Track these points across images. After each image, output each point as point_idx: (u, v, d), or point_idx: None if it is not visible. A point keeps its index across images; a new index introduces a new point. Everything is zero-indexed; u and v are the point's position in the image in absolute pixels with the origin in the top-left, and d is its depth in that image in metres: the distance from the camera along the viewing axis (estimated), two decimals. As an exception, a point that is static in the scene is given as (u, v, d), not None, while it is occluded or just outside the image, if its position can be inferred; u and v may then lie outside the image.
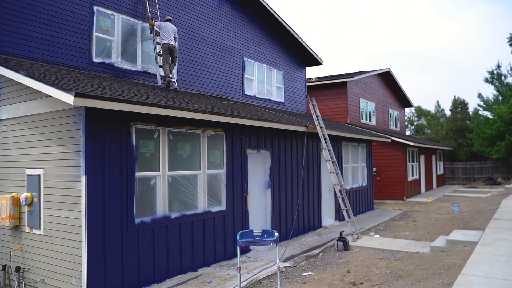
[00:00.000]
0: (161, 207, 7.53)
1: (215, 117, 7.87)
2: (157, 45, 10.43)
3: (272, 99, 15.47)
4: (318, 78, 22.64)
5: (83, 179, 6.28)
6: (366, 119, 23.42)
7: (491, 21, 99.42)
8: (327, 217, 13.37)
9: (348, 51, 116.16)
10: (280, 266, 8.08)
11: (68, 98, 5.58)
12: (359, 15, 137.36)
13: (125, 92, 7.07)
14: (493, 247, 7.85)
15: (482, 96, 36.68)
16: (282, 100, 16.12)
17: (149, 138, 7.42)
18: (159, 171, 7.53)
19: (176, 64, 10.54)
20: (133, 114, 7.09)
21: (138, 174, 7.15)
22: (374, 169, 21.76)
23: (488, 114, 36.64)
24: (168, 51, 9.93)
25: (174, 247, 7.73)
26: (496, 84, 35.50)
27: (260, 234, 5.65)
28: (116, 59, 9.97)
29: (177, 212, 7.83)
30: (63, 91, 5.66)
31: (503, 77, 35.25)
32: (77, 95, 5.55)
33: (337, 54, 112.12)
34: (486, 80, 36.00)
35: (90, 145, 6.39)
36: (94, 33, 9.47)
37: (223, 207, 8.91)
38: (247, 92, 14.23)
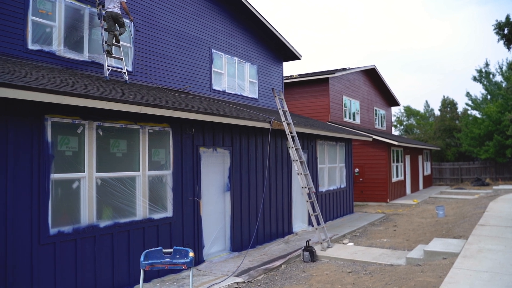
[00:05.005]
0: (87, 214, 6.40)
1: (152, 109, 6.75)
2: (105, 32, 9.30)
3: (244, 94, 14.37)
4: (299, 75, 21.62)
5: (-23, 182, 5.16)
6: (349, 118, 22.43)
7: (482, 22, 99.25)
8: (299, 222, 12.30)
9: (340, 53, 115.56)
10: (230, 282, 7.02)
11: None
12: (351, 16, 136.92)
13: (38, 80, 5.94)
14: (475, 261, 6.82)
15: (471, 95, 35.92)
16: (255, 96, 15.02)
17: (71, 134, 6.29)
18: (84, 172, 6.40)
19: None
20: (49, 105, 5.97)
21: (55, 176, 6.02)
22: (357, 169, 20.78)
23: (476, 113, 35.89)
24: (112, 19, 8.89)
25: (105, 260, 6.60)
26: (485, 82, 34.73)
27: (171, 254, 4.55)
28: (57, 47, 8.80)
29: (108, 220, 6.70)
30: None
31: (491, 76, 34.49)
32: (-50, 77, 4.42)
33: (329, 55, 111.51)
34: (475, 79, 35.22)
35: (-13, 141, 5.27)
36: (30, 17, 8.28)
37: (169, 213, 7.80)
38: (215, 87, 13.11)
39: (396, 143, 20.10)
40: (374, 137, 19.43)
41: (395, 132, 49.38)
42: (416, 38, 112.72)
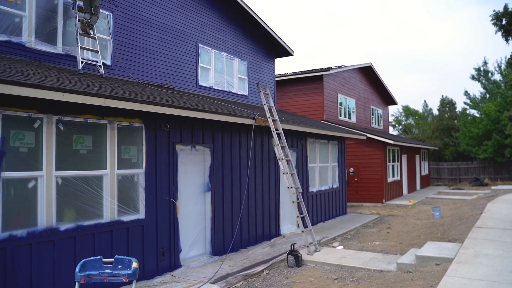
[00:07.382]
0: (44, 217, 5.84)
1: (118, 102, 6.19)
2: (79, 23, 8.75)
3: (233, 91, 13.82)
4: (293, 72, 21.08)
5: None
6: (345, 116, 21.88)
7: (482, 22, 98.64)
8: (288, 224, 11.74)
9: (337, 52, 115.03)
10: (204, 291, 6.46)
11: None
12: (348, 16, 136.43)
13: (-12, 67, 5.39)
14: (471, 267, 6.28)
15: (469, 94, 35.38)
16: (245, 93, 14.47)
17: (26, 129, 5.74)
18: (41, 170, 5.85)
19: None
20: (0, 97, 5.42)
21: (7, 174, 5.46)
22: (351, 169, 20.24)
23: (475, 112, 35.34)
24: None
25: (66, 266, 6.04)
26: (483, 81, 34.17)
27: (112, 264, 4.00)
28: (28, 38, 8.24)
29: (69, 223, 6.14)
30: None
31: (490, 74, 33.93)
32: None
33: (326, 55, 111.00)
34: (473, 77, 34.67)
35: None
36: (-4, 5, 7.76)
37: (141, 215, 7.24)
38: (202, 83, 12.55)
39: (392, 142, 19.56)
40: (368, 135, 18.89)
41: (394, 131, 48.85)
42: (417, 39, 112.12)
